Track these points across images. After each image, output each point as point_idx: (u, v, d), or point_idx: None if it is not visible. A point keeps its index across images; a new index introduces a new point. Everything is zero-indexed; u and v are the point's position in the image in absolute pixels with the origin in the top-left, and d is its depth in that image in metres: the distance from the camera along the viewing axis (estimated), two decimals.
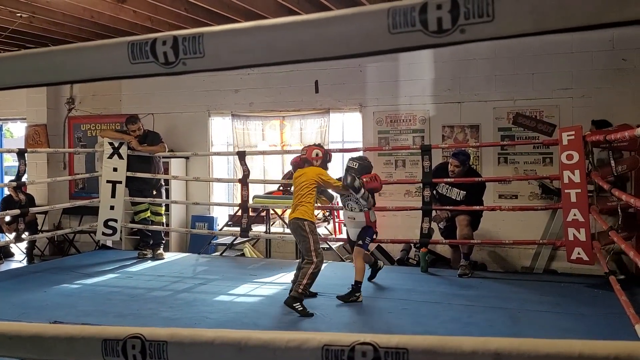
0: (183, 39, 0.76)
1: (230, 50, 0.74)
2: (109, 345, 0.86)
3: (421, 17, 0.65)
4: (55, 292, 5.16)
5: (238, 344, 0.81)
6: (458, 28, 0.64)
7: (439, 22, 0.65)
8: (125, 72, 0.80)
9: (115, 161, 6.68)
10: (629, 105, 6.04)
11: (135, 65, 0.78)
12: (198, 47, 0.76)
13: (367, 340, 0.75)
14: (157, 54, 0.77)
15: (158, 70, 0.78)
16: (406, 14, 0.66)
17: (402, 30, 0.66)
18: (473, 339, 0.74)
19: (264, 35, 0.72)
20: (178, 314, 4.40)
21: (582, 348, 0.67)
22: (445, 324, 4.17)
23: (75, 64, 0.82)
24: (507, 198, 6.66)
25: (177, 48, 0.77)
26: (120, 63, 0.79)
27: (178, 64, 0.77)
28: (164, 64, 0.78)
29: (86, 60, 0.81)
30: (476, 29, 0.64)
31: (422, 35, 0.65)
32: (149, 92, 8.15)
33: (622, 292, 4.08)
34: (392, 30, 0.67)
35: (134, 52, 0.79)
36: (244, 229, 6.50)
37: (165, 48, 0.77)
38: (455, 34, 0.64)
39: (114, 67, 0.80)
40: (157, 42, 0.77)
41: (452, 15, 0.64)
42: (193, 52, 0.76)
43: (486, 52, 6.65)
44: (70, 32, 7.05)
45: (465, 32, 0.64)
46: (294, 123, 7.64)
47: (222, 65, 0.77)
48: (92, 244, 7.77)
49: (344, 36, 0.68)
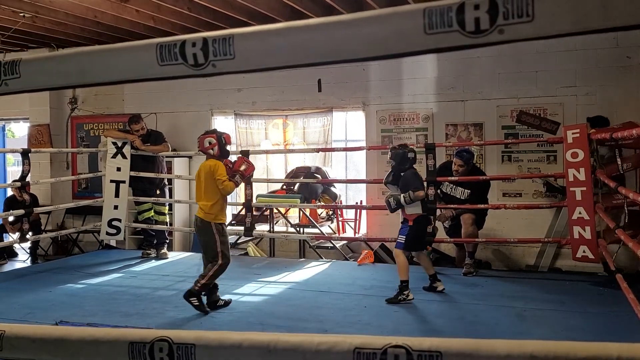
0: (213, 41, 0.75)
1: (261, 52, 0.74)
2: (136, 348, 0.85)
3: (458, 18, 0.64)
4: (61, 292, 5.16)
5: (267, 346, 0.80)
6: (497, 28, 0.63)
7: (477, 22, 0.64)
8: (154, 74, 0.79)
9: (119, 161, 6.68)
10: (633, 102, 6.03)
11: (163, 67, 0.78)
12: (228, 48, 0.75)
13: (400, 343, 0.74)
14: (187, 55, 0.77)
15: (187, 72, 0.77)
16: (442, 14, 0.65)
17: (438, 31, 0.65)
18: (508, 342, 0.73)
19: (296, 36, 0.71)
20: (183, 313, 4.39)
21: (619, 350, 0.67)
22: (451, 322, 4.17)
23: (102, 67, 0.81)
24: (512, 196, 6.64)
25: (207, 50, 0.76)
26: (149, 65, 0.78)
27: (207, 65, 0.76)
28: (193, 65, 0.77)
29: (114, 62, 0.80)
30: (515, 29, 0.63)
31: (459, 35, 0.64)
32: (152, 92, 8.13)
33: (629, 290, 4.07)
34: (427, 30, 0.66)
35: (163, 53, 0.78)
36: (247, 228, 6.49)
37: (194, 50, 0.76)
38: (493, 34, 0.64)
39: (142, 69, 0.79)
40: (187, 43, 0.76)
41: (490, 15, 0.63)
42: (223, 54, 0.75)
43: (490, 50, 6.62)
44: (73, 31, 7.04)
45: (504, 33, 0.63)
46: (297, 122, 7.62)
47: (253, 67, 0.76)
48: (96, 243, 7.76)
49: (378, 37, 0.67)
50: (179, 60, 0.77)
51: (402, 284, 4.55)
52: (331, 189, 7.30)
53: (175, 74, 0.78)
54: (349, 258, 6.77)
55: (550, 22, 0.62)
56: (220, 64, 0.76)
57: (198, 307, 4.36)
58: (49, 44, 7.83)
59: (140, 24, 6.60)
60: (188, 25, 6.39)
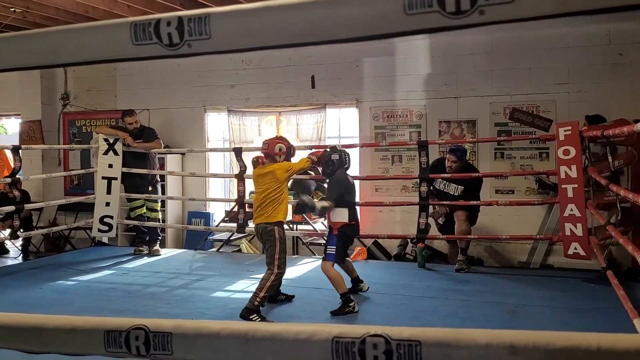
0: (188, 20, 0.73)
1: (238, 32, 0.72)
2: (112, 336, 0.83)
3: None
4: (52, 289, 5.13)
5: (245, 335, 0.78)
6: (477, 9, 0.62)
7: (457, 2, 0.62)
8: (127, 54, 0.77)
9: (111, 157, 6.64)
10: (625, 100, 6.04)
11: (137, 46, 0.76)
12: (204, 28, 0.73)
13: (379, 332, 0.73)
14: (161, 35, 0.75)
15: (162, 52, 0.75)
16: None
17: (418, 11, 0.64)
18: (487, 332, 0.72)
19: (274, 16, 0.70)
20: (175, 310, 4.37)
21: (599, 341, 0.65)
22: (442, 318, 4.16)
23: (74, 46, 0.79)
24: (504, 193, 6.65)
25: (182, 29, 0.74)
26: (122, 44, 0.76)
27: (183, 45, 0.74)
28: (168, 45, 0.75)
29: (86, 41, 0.78)
30: (496, 10, 0.61)
31: (439, 16, 0.63)
32: (145, 88, 8.09)
33: (619, 286, 4.08)
34: (407, 11, 0.64)
35: (137, 32, 0.76)
36: (240, 224, 6.47)
37: (169, 29, 0.74)
38: (474, 15, 0.62)
39: (115, 48, 0.77)
40: (162, 22, 0.74)
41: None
42: (199, 34, 0.73)
43: (483, 47, 6.63)
44: None
45: (484, 14, 0.62)
46: (291, 118, 7.60)
47: (229, 47, 0.75)
48: (88, 240, 7.72)
49: (357, 17, 0.66)
50: (153, 39, 0.75)
51: (343, 297, 4.18)
52: (324, 186, 7.28)
53: (149, 53, 0.76)
54: None
55: (532, 3, 0.61)
56: (195, 44, 0.74)
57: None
58: None
59: None
60: None
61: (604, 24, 6.16)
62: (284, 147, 4.34)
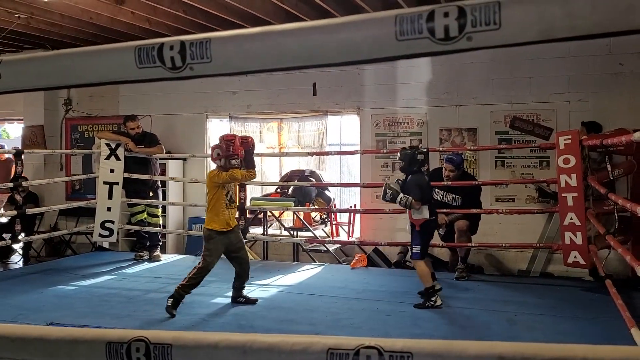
0: (190, 44, 0.76)
1: (238, 55, 0.75)
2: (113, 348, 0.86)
3: (428, 25, 0.66)
4: (52, 294, 5.15)
5: (243, 347, 0.81)
6: (465, 36, 0.65)
7: (446, 29, 0.65)
8: (132, 77, 0.80)
9: (112, 162, 6.67)
10: (625, 109, 6.06)
11: (142, 69, 0.79)
12: (205, 52, 0.76)
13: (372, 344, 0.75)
14: (164, 58, 0.78)
15: (165, 74, 0.78)
16: (413, 22, 0.66)
17: (409, 37, 0.67)
18: (478, 343, 0.74)
19: (273, 40, 0.73)
20: (175, 315, 4.39)
21: (585, 353, 0.68)
22: (442, 326, 4.18)
23: (81, 68, 0.82)
24: (504, 201, 6.67)
25: (184, 53, 0.77)
26: (127, 67, 0.79)
27: (185, 68, 0.77)
28: (170, 68, 0.78)
29: (93, 64, 0.82)
30: (483, 37, 0.64)
31: (429, 42, 0.66)
32: (147, 94, 8.14)
33: (618, 295, 4.10)
34: (399, 37, 0.67)
35: (141, 56, 0.79)
36: (241, 230, 6.48)
37: (172, 53, 0.78)
38: (462, 41, 0.65)
39: (120, 71, 0.80)
40: (165, 46, 0.77)
41: (459, 23, 0.65)
42: (200, 57, 0.76)
43: (484, 56, 6.66)
44: (68, 33, 7.04)
45: (472, 40, 0.64)
46: (292, 125, 7.64)
47: (230, 70, 0.78)
48: (89, 245, 7.75)
49: (352, 42, 0.69)
50: (157, 63, 0.78)
51: (430, 290, 4.55)
52: (325, 193, 7.32)
53: (153, 76, 0.79)
54: (342, 262, 6.78)
55: (517, 30, 0.64)
56: (197, 67, 0.77)
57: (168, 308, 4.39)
58: (44, 45, 7.82)
59: (135, 26, 6.61)
60: (183, 27, 6.40)
61: None
62: (220, 150, 4.45)
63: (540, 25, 0.62)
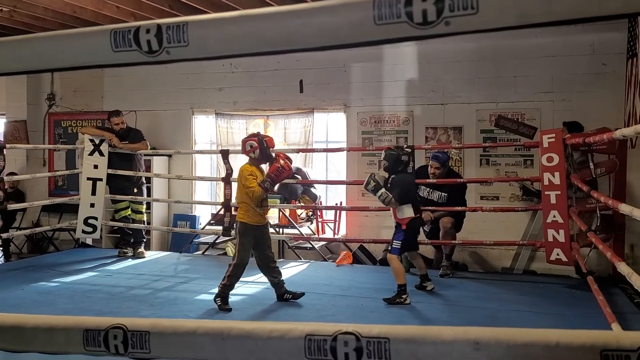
0: (167, 28, 0.76)
1: (216, 39, 0.74)
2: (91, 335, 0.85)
3: (406, 9, 0.66)
4: (33, 290, 5.09)
5: (221, 334, 0.80)
6: (443, 20, 0.65)
7: (424, 14, 0.65)
8: (107, 60, 0.79)
9: (96, 158, 6.61)
10: (608, 109, 6.14)
11: (117, 53, 0.78)
12: (182, 35, 0.75)
13: (350, 330, 0.76)
14: (141, 42, 0.77)
15: (141, 58, 0.77)
16: (391, 6, 0.66)
17: (387, 22, 0.67)
18: (453, 329, 0.75)
19: (251, 24, 0.72)
20: (158, 312, 4.36)
21: (558, 337, 0.69)
22: (425, 322, 4.20)
23: (55, 52, 0.81)
24: (489, 199, 6.72)
25: (160, 36, 0.76)
26: (102, 51, 0.78)
27: (162, 52, 0.77)
28: (147, 52, 0.77)
29: (67, 47, 0.80)
30: (461, 22, 0.65)
31: (407, 26, 0.66)
32: (132, 89, 8.07)
33: (599, 292, 4.15)
34: (377, 21, 0.67)
35: (117, 40, 0.78)
36: (226, 227, 6.46)
37: (148, 36, 0.77)
38: (440, 26, 0.65)
39: (95, 54, 0.79)
40: (141, 30, 0.76)
41: (437, 8, 0.65)
42: (177, 41, 0.76)
43: (469, 55, 6.71)
44: (51, 27, 6.95)
45: (450, 25, 0.65)
46: (278, 122, 7.62)
47: (207, 54, 0.77)
48: (72, 242, 7.67)
49: (330, 26, 0.68)
50: (133, 46, 0.77)
51: (400, 288, 4.54)
52: (311, 190, 7.30)
53: (129, 60, 0.78)
54: (327, 259, 6.78)
55: (495, 15, 0.64)
56: (174, 51, 0.77)
57: (220, 306, 4.39)
58: None
59: (120, 21, 6.54)
60: None
61: (589, 34, 6.27)
62: (254, 142, 4.47)
63: (518, 9, 0.63)
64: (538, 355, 0.69)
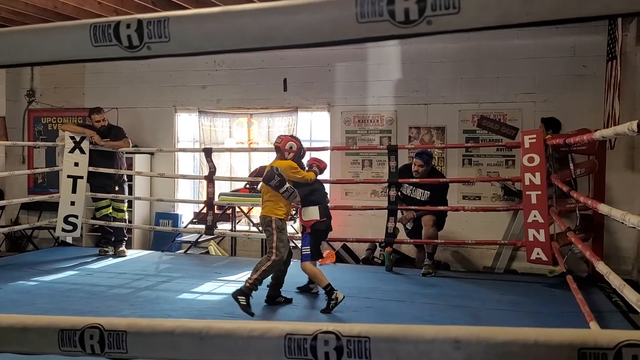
0: (148, 23, 0.75)
1: (197, 35, 0.73)
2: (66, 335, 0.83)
3: (389, 8, 0.66)
4: (12, 289, 5.00)
5: (199, 333, 0.80)
6: (425, 19, 0.65)
7: (406, 12, 0.65)
8: (87, 55, 0.78)
9: (77, 156, 6.52)
10: (587, 110, 6.23)
11: (97, 48, 0.76)
12: (163, 31, 0.74)
13: (330, 329, 0.75)
14: (121, 37, 0.76)
15: (121, 53, 0.76)
16: (374, 4, 0.66)
17: (369, 20, 0.67)
18: (434, 327, 0.75)
19: (232, 20, 0.71)
20: (139, 311, 4.32)
21: (537, 336, 0.69)
22: (408, 321, 4.22)
23: (34, 46, 0.79)
24: (471, 199, 6.78)
25: (141, 32, 0.75)
26: (82, 45, 0.76)
27: (142, 48, 0.76)
28: (127, 47, 0.76)
29: (46, 41, 0.79)
30: (442, 21, 0.65)
31: (390, 25, 0.66)
32: (114, 86, 7.97)
33: (578, 290, 4.21)
34: (359, 19, 0.67)
35: (97, 34, 0.77)
36: (209, 226, 6.43)
37: (129, 31, 0.75)
38: (422, 25, 0.65)
39: (75, 49, 0.78)
40: (121, 25, 0.75)
41: (419, 7, 0.65)
42: (158, 36, 0.75)
43: (452, 55, 6.75)
44: (32, 22, 6.82)
45: (432, 24, 0.65)
46: (262, 121, 7.60)
47: (188, 50, 0.76)
48: (51, 240, 7.55)
49: (312, 24, 0.68)
50: (113, 41, 0.76)
51: (327, 289, 4.39)
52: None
53: (109, 55, 0.77)
54: None
55: (476, 15, 0.64)
56: (155, 47, 0.76)
57: (244, 307, 4.13)
58: None
59: (102, 17, 6.46)
60: None
61: (569, 36, 6.35)
62: (295, 145, 4.56)
63: (499, 10, 0.63)
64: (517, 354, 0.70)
